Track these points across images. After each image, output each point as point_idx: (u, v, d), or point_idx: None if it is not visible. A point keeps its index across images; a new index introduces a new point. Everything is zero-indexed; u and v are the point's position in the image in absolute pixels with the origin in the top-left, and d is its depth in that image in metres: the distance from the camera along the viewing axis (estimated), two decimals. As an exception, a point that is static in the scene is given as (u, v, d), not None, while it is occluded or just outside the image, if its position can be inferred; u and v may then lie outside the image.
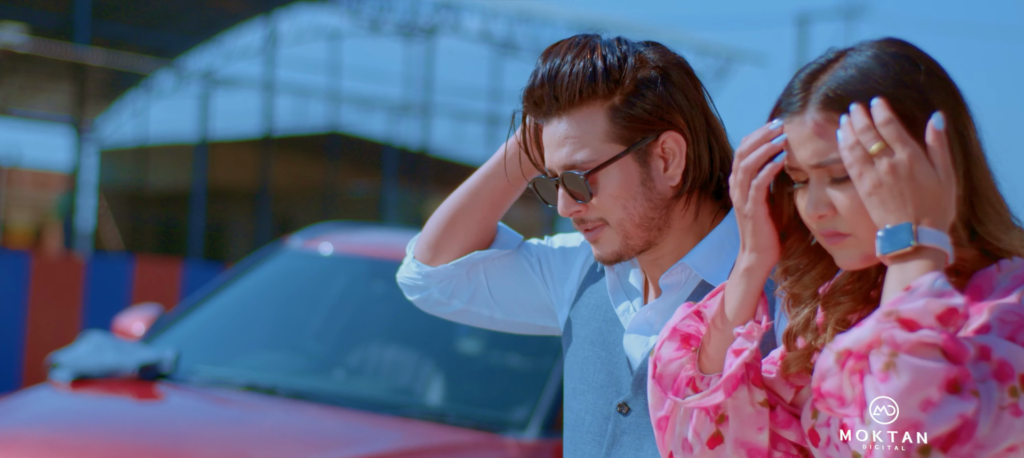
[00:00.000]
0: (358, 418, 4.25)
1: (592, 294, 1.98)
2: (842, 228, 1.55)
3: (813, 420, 1.61)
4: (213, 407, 4.37)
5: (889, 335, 1.39)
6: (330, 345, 4.81)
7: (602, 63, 1.82)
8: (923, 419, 1.38)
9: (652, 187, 1.84)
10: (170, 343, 4.70)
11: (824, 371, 1.45)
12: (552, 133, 1.84)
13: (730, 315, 1.66)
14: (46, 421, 4.19)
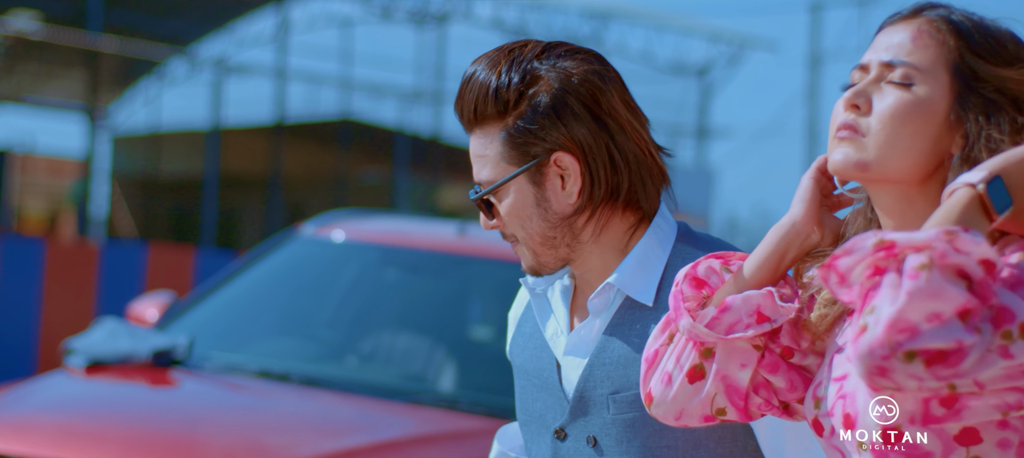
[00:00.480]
0: (371, 405, 4.27)
1: (525, 323, 1.99)
2: (862, 127, 1.60)
3: (816, 410, 1.62)
4: (227, 393, 4.40)
5: (941, 248, 1.42)
6: (342, 332, 4.83)
7: (495, 82, 1.82)
8: (923, 329, 1.40)
9: (548, 207, 1.84)
10: (183, 330, 4.72)
11: (853, 247, 1.47)
12: (470, 147, 1.87)
13: (747, 269, 1.68)
14: (61, 407, 4.22)
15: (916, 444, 1.52)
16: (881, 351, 1.40)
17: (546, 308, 1.93)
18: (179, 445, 3.91)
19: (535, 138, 1.81)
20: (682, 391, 1.70)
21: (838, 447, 1.60)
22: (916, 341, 1.40)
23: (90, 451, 3.86)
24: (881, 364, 1.41)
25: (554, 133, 1.81)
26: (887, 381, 1.42)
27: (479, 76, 1.82)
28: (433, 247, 4.93)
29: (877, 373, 1.42)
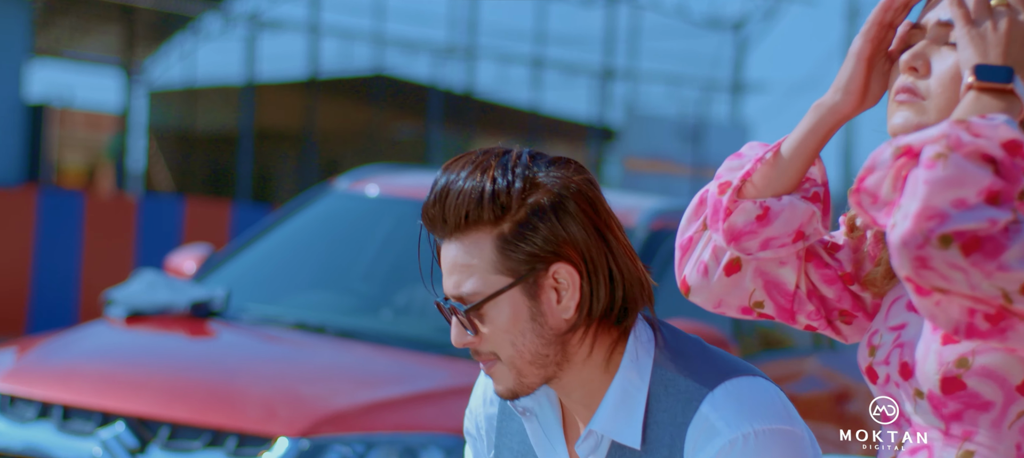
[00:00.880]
0: (406, 356, 4.33)
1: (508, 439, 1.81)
2: (921, 90, 1.58)
3: (871, 357, 1.62)
4: (264, 344, 4.46)
5: (955, 134, 1.41)
6: (377, 285, 4.88)
7: (491, 186, 1.65)
8: (951, 213, 1.38)
9: (543, 322, 1.68)
10: (220, 282, 4.78)
11: (874, 163, 1.46)
12: (444, 256, 1.68)
13: (785, 149, 1.66)
14: (102, 355, 4.30)
15: (976, 392, 1.52)
16: (914, 241, 1.39)
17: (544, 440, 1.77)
18: (218, 394, 3.98)
19: (535, 246, 1.66)
20: (720, 283, 1.69)
21: (893, 395, 1.60)
22: (946, 224, 1.38)
23: (131, 399, 3.93)
24: (918, 254, 1.39)
25: (554, 242, 1.67)
26: (930, 273, 1.40)
27: (465, 180, 1.66)
28: (467, 202, 4.96)
29: (918, 264, 1.40)
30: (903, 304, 1.62)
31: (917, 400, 1.56)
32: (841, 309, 1.71)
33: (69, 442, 3.90)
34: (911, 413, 1.58)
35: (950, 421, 1.55)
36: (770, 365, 5.07)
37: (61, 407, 3.96)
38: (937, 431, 1.56)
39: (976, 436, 1.54)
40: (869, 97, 1.66)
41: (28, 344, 4.54)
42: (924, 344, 1.56)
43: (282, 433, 3.78)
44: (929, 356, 1.55)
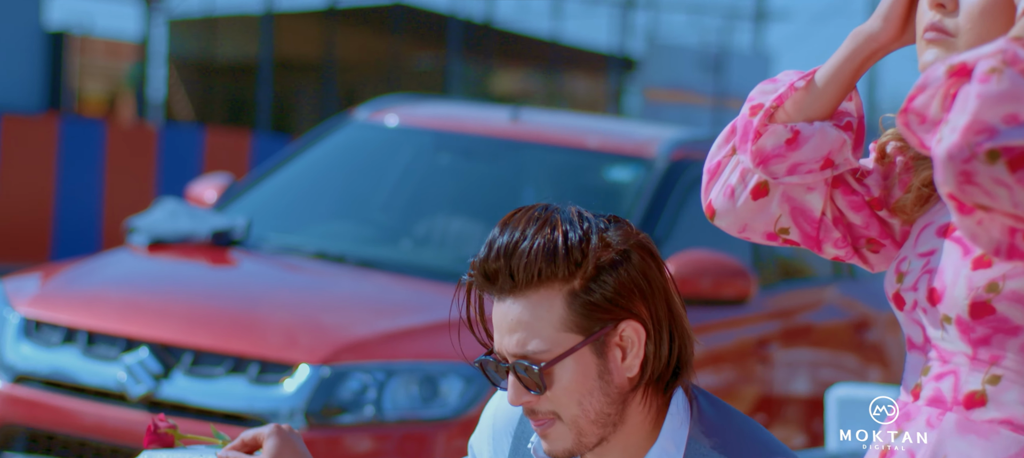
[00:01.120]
0: (426, 286, 4.35)
1: None
2: (950, 28, 1.57)
3: (898, 284, 1.62)
4: (285, 273, 4.49)
5: (1011, 50, 1.39)
6: (397, 216, 4.90)
7: (563, 241, 1.62)
8: (1000, 128, 1.36)
9: (610, 380, 1.65)
10: (241, 211, 4.81)
11: (925, 83, 1.44)
12: (503, 314, 1.64)
13: (819, 77, 1.64)
14: (126, 282, 4.34)
15: (1005, 317, 1.53)
16: (961, 154, 1.37)
17: None
18: (240, 321, 4.02)
19: (606, 303, 1.63)
20: (746, 207, 1.69)
21: (919, 321, 1.60)
22: (995, 140, 1.36)
23: (155, 325, 3.98)
24: (963, 168, 1.37)
25: (624, 298, 1.64)
26: (975, 189, 1.39)
27: (533, 236, 1.62)
28: (486, 132, 4.96)
29: (963, 179, 1.38)
30: (933, 230, 1.62)
31: (944, 326, 1.57)
32: (868, 237, 1.70)
33: (94, 367, 3.95)
34: (937, 340, 1.58)
35: (977, 346, 1.55)
36: (789, 294, 5.08)
37: (86, 332, 4.01)
38: (963, 356, 1.56)
39: (1003, 361, 1.54)
40: (909, 30, 1.64)
41: (52, 270, 4.59)
42: (953, 269, 1.56)
43: (303, 360, 3.82)
44: (959, 281, 1.55)
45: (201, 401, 3.82)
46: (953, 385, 1.56)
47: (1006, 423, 1.53)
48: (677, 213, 4.70)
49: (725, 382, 4.73)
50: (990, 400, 1.54)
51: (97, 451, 3.86)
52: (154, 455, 1.95)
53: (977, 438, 1.54)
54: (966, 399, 1.55)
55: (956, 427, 1.55)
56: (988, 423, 1.53)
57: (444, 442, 3.80)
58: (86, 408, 3.91)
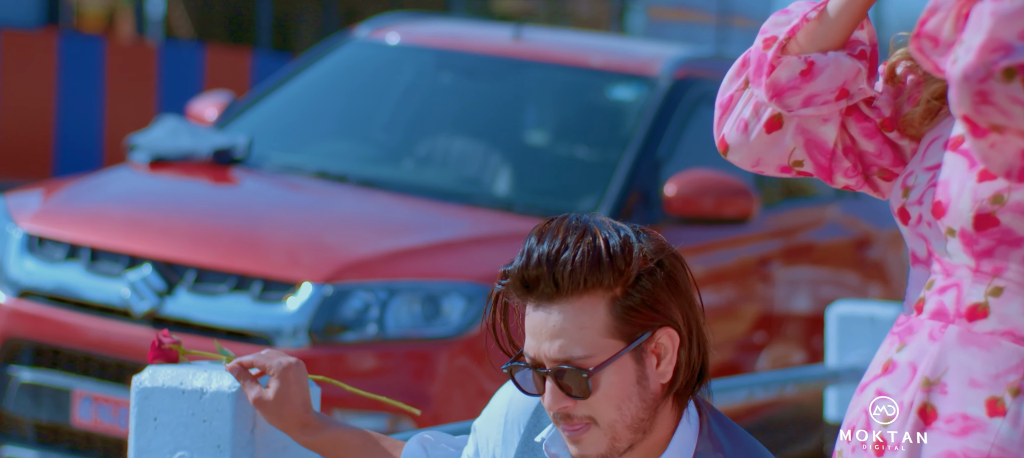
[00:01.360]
0: (428, 206, 4.35)
1: None
2: None
3: (904, 198, 1.62)
4: (286, 192, 4.49)
5: None
6: (398, 135, 4.88)
7: (606, 248, 1.66)
8: (1016, 45, 1.36)
9: (646, 386, 1.69)
10: (242, 130, 4.80)
11: (936, 5, 1.43)
12: (543, 321, 1.67)
13: (831, 7, 1.62)
14: (129, 199, 4.35)
15: (1009, 228, 1.53)
16: (977, 74, 1.36)
17: None
18: (243, 240, 4.03)
19: (648, 309, 1.68)
20: (760, 140, 1.68)
21: (923, 235, 1.60)
22: (1012, 57, 1.35)
23: (158, 242, 3.99)
24: (979, 88, 1.37)
25: (662, 305, 1.69)
26: (991, 108, 1.38)
27: (575, 244, 1.66)
28: (488, 51, 4.93)
29: (979, 99, 1.38)
30: (940, 144, 1.62)
31: (948, 238, 1.57)
32: (880, 166, 1.70)
33: (98, 283, 3.96)
34: (941, 253, 1.59)
35: (981, 258, 1.56)
36: (791, 213, 5.08)
37: (89, 249, 4.02)
38: (966, 269, 1.57)
39: (1006, 272, 1.55)
40: None
41: (54, 186, 4.59)
42: (959, 181, 1.56)
43: (306, 279, 3.83)
44: (964, 193, 1.55)
45: (204, 318, 3.84)
46: (956, 298, 1.57)
47: (1007, 334, 1.54)
48: (680, 132, 4.69)
49: (726, 301, 4.75)
50: (992, 312, 1.55)
51: (102, 366, 3.89)
52: (159, 370, 1.97)
53: (978, 350, 1.55)
54: (968, 311, 1.56)
55: (958, 339, 1.56)
56: (989, 335, 1.55)
57: (446, 360, 3.83)
58: (91, 324, 3.93)
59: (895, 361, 1.59)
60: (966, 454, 1.53)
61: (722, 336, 4.71)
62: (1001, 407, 1.53)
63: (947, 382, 1.55)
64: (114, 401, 3.82)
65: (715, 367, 4.75)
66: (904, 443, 1.56)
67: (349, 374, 3.72)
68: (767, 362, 4.80)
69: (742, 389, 3.39)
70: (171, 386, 1.95)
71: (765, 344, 4.83)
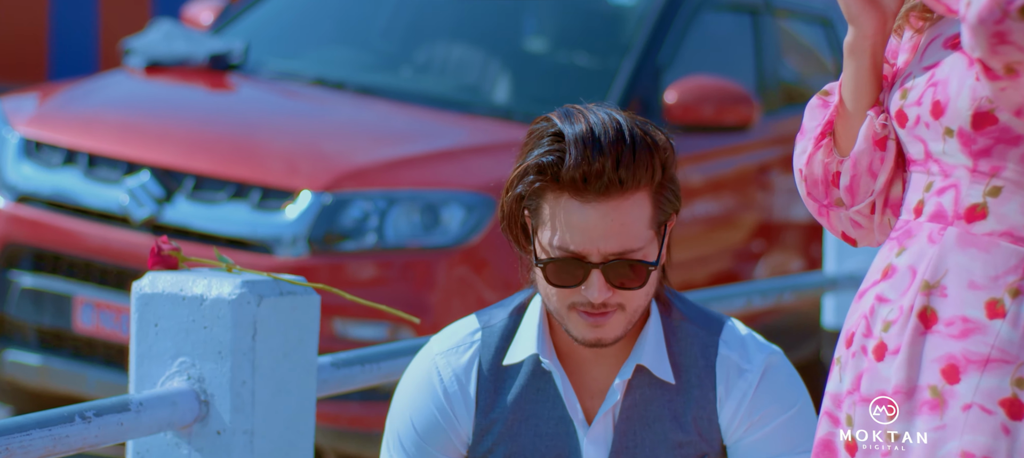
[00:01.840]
0: (426, 114, 4.33)
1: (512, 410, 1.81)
2: None
3: (902, 101, 1.61)
4: (283, 99, 4.47)
5: None
6: (397, 42, 4.84)
7: (650, 140, 1.72)
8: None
9: (660, 271, 1.80)
10: (238, 35, 4.76)
11: None
12: (600, 217, 1.71)
13: (850, 104, 1.64)
14: (126, 104, 4.32)
15: (1007, 126, 1.52)
16: (992, 16, 1.36)
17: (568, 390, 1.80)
18: (241, 147, 4.01)
19: (673, 197, 1.75)
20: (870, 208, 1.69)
21: (920, 137, 1.60)
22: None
23: (156, 149, 3.97)
24: (996, 29, 1.36)
25: (679, 193, 1.77)
26: (1008, 48, 1.38)
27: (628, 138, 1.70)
28: (488, -43, 4.88)
29: (996, 40, 1.37)
30: (940, 43, 1.61)
31: (946, 139, 1.57)
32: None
33: (96, 189, 3.96)
34: (938, 154, 1.59)
35: (978, 158, 1.56)
36: (792, 120, 5.06)
37: (86, 154, 4.00)
38: (964, 169, 1.57)
39: (1004, 171, 1.55)
40: (884, 3, 1.61)
41: (50, 90, 4.56)
42: (957, 80, 1.55)
43: (305, 187, 3.82)
44: (963, 92, 1.54)
45: (203, 226, 3.84)
46: (954, 198, 1.57)
47: (1006, 235, 1.54)
48: (681, 38, 4.66)
49: (725, 209, 4.75)
50: (990, 212, 1.55)
51: (103, 272, 3.90)
52: (159, 277, 1.97)
53: (977, 251, 1.55)
54: (967, 212, 1.56)
55: (957, 241, 1.56)
56: (988, 236, 1.55)
57: (445, 269, 3.83)
58: (90, 230, 3.93)
59: (894, 265, 1.60)
60: (966, 356, 1.53)
61: (721, 244, 4.72)
62: (1001, 308, 1.53)
63: (947, 285, 1.55)
64: (116, 307, 3.83)
65: (714, 275, 4.82)
66: (904, 347, 1.57)
67: (348, 283, 3.72)
68: (765, 270, 4.81)
69: (740, 297, 3.41)
70: (171, 292, 1.96)
71: (763, 252, 4.84)
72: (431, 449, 1.86)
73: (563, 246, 1.73)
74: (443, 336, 1.89)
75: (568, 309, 1.76)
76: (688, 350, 1.82)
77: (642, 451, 1.80)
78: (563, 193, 1.72)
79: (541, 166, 1.73)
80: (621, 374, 1.79)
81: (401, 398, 1.89)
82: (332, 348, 3.37)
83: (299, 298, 2.00)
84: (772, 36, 5.07)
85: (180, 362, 1.95)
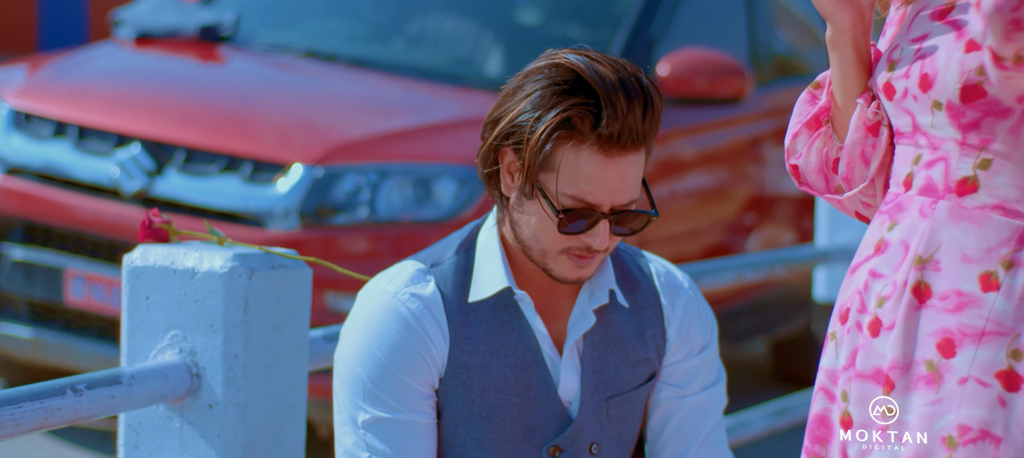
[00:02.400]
0: (419, 87, 4.32)
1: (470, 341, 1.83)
2: None
3: (890, 73, 1.61)
4: (275, 71, 4.45)
5: None
6: (389, 14, 4.82)
7: (653, 101, 1.76)
8: None
9: None
10: (229, 6, 4.73)
11: None
12: (621, 171, 1.75)
13: (839, 97, 1.65)
14: (116, 76, 4.30)
15: (996, 99, 1.53)
16: (1010, 2, 1.37)
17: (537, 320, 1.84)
18: (232, 120, 3.99)
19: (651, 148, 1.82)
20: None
21: (908, 110, 1.60)
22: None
23: (146, 121, 3.95)
24: (1014, 16, 1.37)
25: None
26: (1023, 35, 1.39)
27: (643, 91, 1.75)
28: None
29: (1013, 27, 1.38)
30: (927, 14, 1.61)
31: (935, 112, 1.57)
32: None
33: (86, 161, 3.94)
34: (927, 127, 1.59)
35: (967, 130, 1.56)
36: (785, 93, 5.05)
37: (76, 127, 3.99)
38: (953, 142, 1.57)
39: (993, 144, 1.55)
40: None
41: (39, 61, 4.53)
42: (946, 53, 1.55)
43: (297, 160, 3.81)
44: (951, 65, 1.54)
45: (195, 199, 3.82)
46: (944, 171, 1.57)
47: (998, 208, 1.55)
48: (674, 10, 4.64)
49: (718, 182, 4.74)
50: (981, 185, 1.55)
51: (94, 245, 3.88)
52: (150, 250, 1.96)
53: (970, 224, 1.55)
54: (958, 185, 1.56)
55: (949, 214, 1.56)
56: (980, 209, 1.55)
57: (438, 242, 3.82)
58: (81, 202, 3.92)
59: (887, 240, 1.60)
60: (961, 330, 1.54)
61: (713, 217, 4.71)
62: (995, 281, 1.54)
63: (940, 259, 1.56)
64: (107, 280, 3.82)
65: (706, 248, 4.81)
66: (899, 322, 1.57)
67: (341, 256, 3.72)
68: (757, 243, 4.81)
69: (732, 270, 3.41)
70: (162, 265, 1.95)
71: (756, 225, 4.84)
72: (403, 377, 1.82)
73: (579, 197, 1.76)
74: (388, 277, 1.86)
75: (559, 252, 1.80)
76: (630, 273, 1.88)
77: (607, 373, 1.85)
78: (585, 145, 1.74)
79: (571, 120, 1.74)
80: (592, 301, 1.85)
81: (356, 339, 1.84)
82: (324, 321, 3.39)
83: (291, 271, 1.99)
84: (765, 8, 5.06)
85: (172, 335, 1.95)
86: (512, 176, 1.81)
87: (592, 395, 1.85)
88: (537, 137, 1.75)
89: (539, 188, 1.77)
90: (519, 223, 1.81)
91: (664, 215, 4.39)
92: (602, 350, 1.86)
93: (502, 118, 1.81)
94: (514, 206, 1.81)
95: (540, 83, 1.78)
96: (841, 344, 1.63)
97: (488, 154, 1.83)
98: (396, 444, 1.80)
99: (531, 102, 1.77)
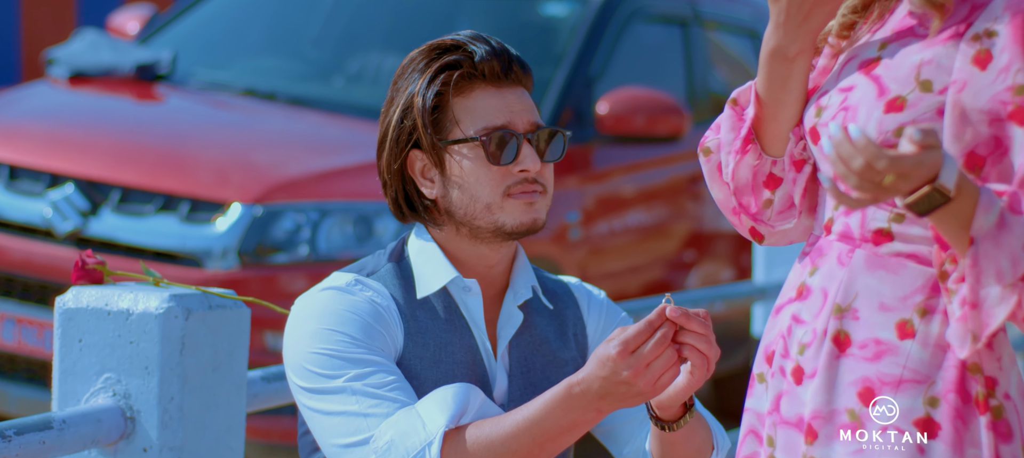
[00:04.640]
0: (359, 124, 4.30)
1: (432, 338, 1.82)
2: None
3: (816, 118, 1.64)
4: (213, 110, 4.41)
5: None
6: (329, 51, 4.81)
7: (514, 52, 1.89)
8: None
9: None
10: (165, 44, 4.69)
11: None
12: (516, 97, 1.82)
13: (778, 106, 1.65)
14: (49, 115, 4.24)
15: None
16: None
17: (479, 317, 1.84)
18: (169, 158, 3.95)
19: None
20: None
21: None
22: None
23: (80, 161, 3.90)
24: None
25: None
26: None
27: (498, 41, 1.84)
28: (420, -36, 4.86)
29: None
30: (856, 65, 1.63)
31: None
32: None
33: (18, 202, 3.87)
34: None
35: None
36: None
37: (7, 166, 3.92)
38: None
39: None
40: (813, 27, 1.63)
41: (-30, 102, 4.46)
42: (866, 110, 1.58)
43: (236, 199, 3.78)
44: (870, 122, 1.57)
45: (130, 239, 3.77)
46: (860, 221, 1.60)
47: (912, 257, 1.57)
48: (612, 49, 4.67)
49: (657, 219, 4.77)
50: (896, 236, 1.58)
51: (25, 286, 3.82)
52: (83, 291, 1.93)
53: (886, 273, 1.58)
54: (874, 235, 1.59)
55: (866, 263, 1.59)
56: (895, 257, 1.58)
57: (378, 280, 3.80)
58: (12, 243, 3.85)
59: (808, 286, 1.63)
60: (880, 379, 1.56)
61: (653, 254, 4.73)
62: (910, 329, 1.56)
63: (858, 307, 1.58)
64: (38, 323, 3.75)
65: (646, 285, 4.81)
66: (820, 371, 1.59)
67: (281, 296, 3.68)
68: (697, 279, 4.84)
69: (673, 308, 3.41)
70: (96, 307, 1.91)
71: (695, 262, 4.86)
72: (379, 328, 1.80)
73: (489, 125, 1.80)
74: (323, 283, 1.84)
75: (503, 197, 1.80)
76: (548, 284, 1.92)
77: (534, 374, 1.86)
78: (474, 88, 1.80)
79: (450, 64, 1.80)
80: (517, 299, 1.85)
81: (312, 326, 1.79)
82: (263, 362, 3.34)
83: (229, 311, 1.97)
84: (702, 47, 5.11)
85: (105, 378, 1.91)
86: (425, 170, 1.83)
87: (521, 396, 1.85)
88: (425, 100, 1.79)
89: (452, 144, 1.80)
90: (454, 198, 1.81)
91: (604, 252, 4.40)
92: (528, 351, 1.87)
93: (390, 123, 1.84)
94: (441, 193, 1.82)
95: (407, 73, 1.84)
96: (768, 387, 1.65)
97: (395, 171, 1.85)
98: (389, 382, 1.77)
99: (408, 90, 1.82)
